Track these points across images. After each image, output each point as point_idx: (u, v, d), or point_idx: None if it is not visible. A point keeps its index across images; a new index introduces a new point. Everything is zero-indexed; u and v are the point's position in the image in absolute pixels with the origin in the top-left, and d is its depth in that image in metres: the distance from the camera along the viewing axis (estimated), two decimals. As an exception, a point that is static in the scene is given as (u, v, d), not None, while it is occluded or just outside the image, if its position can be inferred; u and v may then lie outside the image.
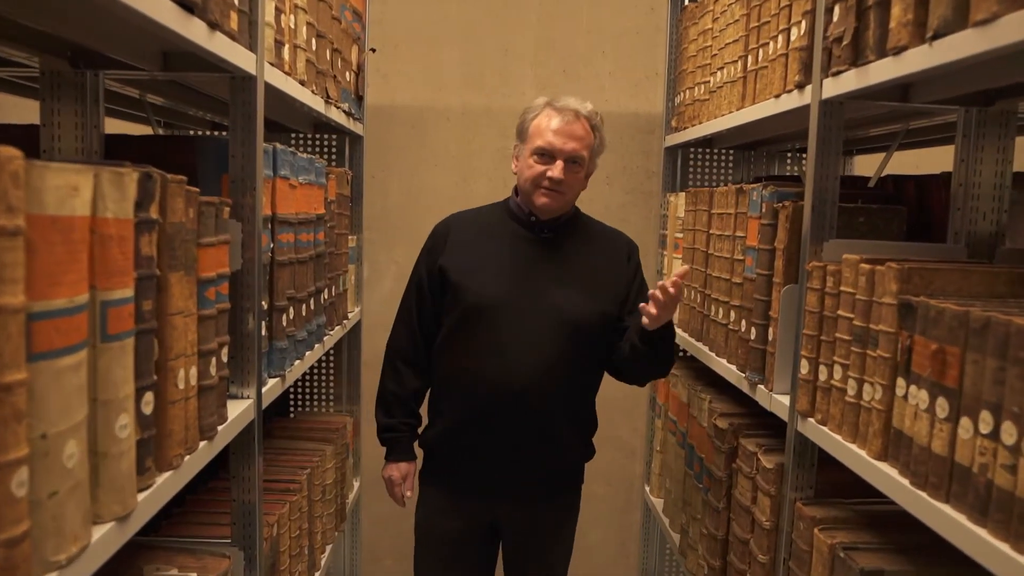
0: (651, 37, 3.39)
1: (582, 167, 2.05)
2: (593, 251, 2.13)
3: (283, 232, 1.76)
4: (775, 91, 1.77)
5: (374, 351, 3.49)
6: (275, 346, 1.74)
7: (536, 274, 2.07)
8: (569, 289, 2.05)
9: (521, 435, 2.05)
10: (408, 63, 3.38)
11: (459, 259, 2.11)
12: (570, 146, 2.02)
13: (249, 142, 1.51)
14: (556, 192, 2.03)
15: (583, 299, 2.05)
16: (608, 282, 2.10)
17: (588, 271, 2.09)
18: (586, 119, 2.05)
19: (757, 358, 1.84)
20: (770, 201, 1.78)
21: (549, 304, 2.03)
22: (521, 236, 2.11)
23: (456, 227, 2.19)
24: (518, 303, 2.03)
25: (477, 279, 2.06)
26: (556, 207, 2.06)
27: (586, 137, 2.04)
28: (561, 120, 2.03)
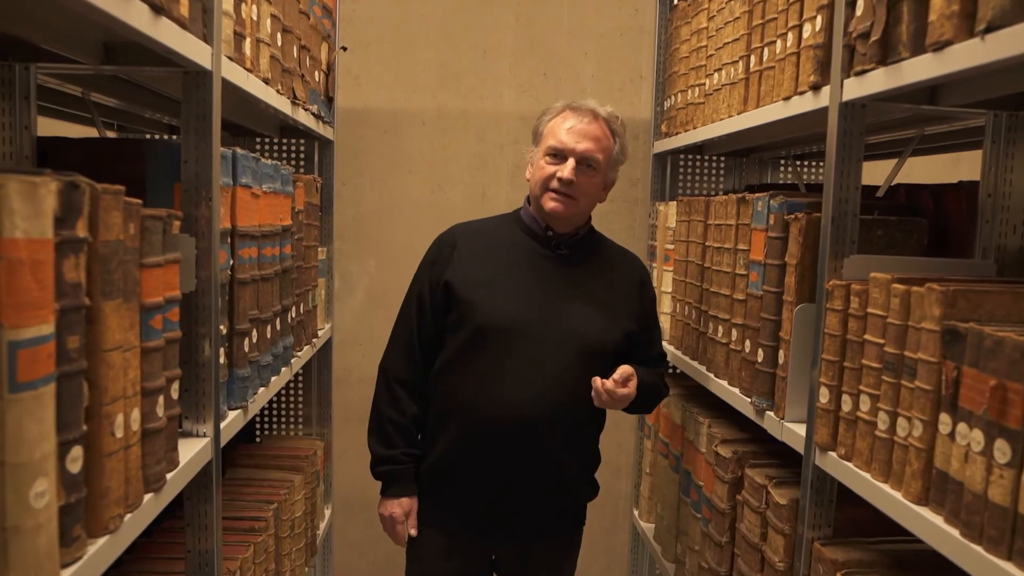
0: (635, 38, 3.25)
1: (597, 172, 1.90)
2: (611, 272, 1.99)
3: (245, 247, 1.58)
4: (784, 93, 1.63)
5: (345, 368, 3.32)
6: (236, 375, 1.56)
7: (553, 295, 1.91)
8: (588, 312, 1.91)
9: (527, 472, 1.89)
10: (381, 64, 3.21)
11: (468, 274, 1.92)
12: (583, 146, 1.87)
13: (204, 146, 1.33)
14: (567, 197, 1.87)
15: (603, 324, 1.91)
16: (625, 307, 1.97)
17: (607, 294, 1.95)
18: (605, 121, 1.92)
19: (765, 382, 1.70)
20: (779, 212, 1.64)
21: (568, 328, 1.88)
22: (536, 252, 1.95)
23: (464, 239, 1.99)
24: (533, 326, 1.87)
25: (489, 297, 1.89)
26: (566, 214, 1.90)
27: (603, 140, 1.90)
28: (577, 119, 1.90)
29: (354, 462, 3.33)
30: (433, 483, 1.97)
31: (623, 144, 1.96)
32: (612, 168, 1.95)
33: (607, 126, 1.92)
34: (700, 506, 2.08)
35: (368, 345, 3.33)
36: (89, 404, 0.92)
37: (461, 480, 1.93)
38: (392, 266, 3.28)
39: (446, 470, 1.94)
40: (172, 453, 1.21)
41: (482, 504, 1.93)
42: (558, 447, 1.88)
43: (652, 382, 1.98)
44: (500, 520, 1.93)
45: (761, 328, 1.72)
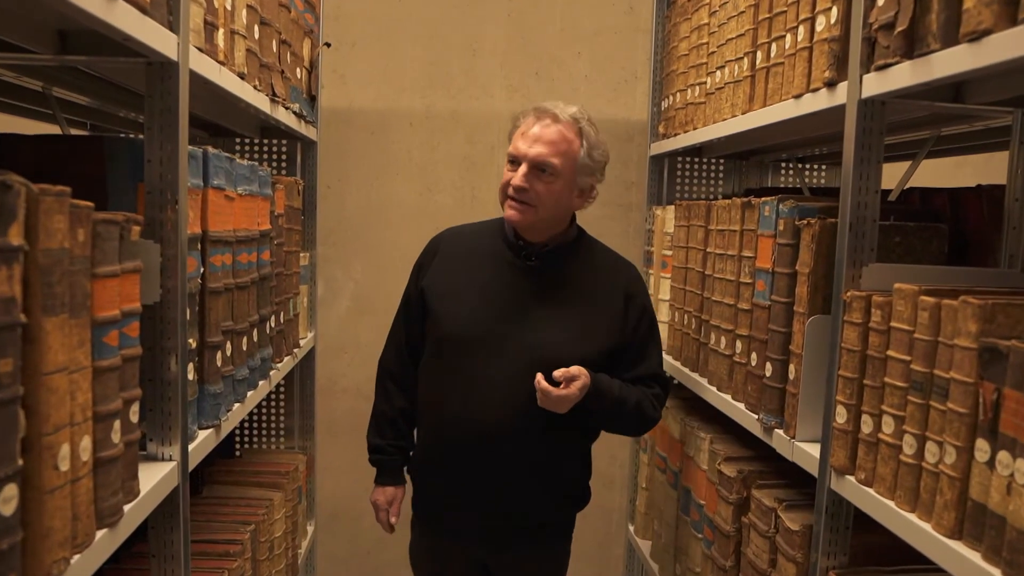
0: (630, 37, 3.15)
1: (557, 177, 1.80)
2: (588, 283, 1.89)
3: (217, 253, 1.47)
4: (795, 90, 1.53)
5: (329, 377, 3.20)
6: (207, 391, 1.45)
7: (517, 306, 1.85)
8: (552, 327, 1.82)
9: (489, 481, 1.86)
10: (367, 62, 3.10)
11: (439, 281, 1.92)
12: (535, 151, 1.79)
13: (170, 144, 1.22)
14: (523, 204, 1.81)
15: (567, 339, 1.81)
16: (601, 321, 1.85)
17: (578, 306, 1.85)
18: (568, 123, 1.81)
19: (774, 398, 1.59)
20: (790, 217, 1.54)
21: (531, 341, 1.81)
22: (506, 261, 1.89)
23: (447, 244, 1.98)
24: (492, 338, 1.83)
25: (453, 307, 1.88)
26: (524, 222, 1.83)
27: (561, 143, 1.80)
28: (536, 123, 1.83)
29: (340, 474, 3.21)
30: (417, 481, 2.01)
31: (594, 145, 1.83)
32: (582, 173, 1.82)
33: (571, 128, 1.81)
34: (701, 526, 1.98)
35: (354, 353, 3.22)
36: (27, 435, 0.81)
37: (434, 482, 1.95)
38: (379, 271, 3.17)
39: (422, 470, 1.98)
40: (131, 482, 1.09)
41: (453, 508, 1.92)
42: (523, 459, 1.82)
43: (625, 397, 1.81)
44: (472, 527, 1.91)
45: (769, 340, 1.62)
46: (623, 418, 1.85)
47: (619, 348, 1.86)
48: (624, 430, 2.01)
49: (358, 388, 3.22)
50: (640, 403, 1.84)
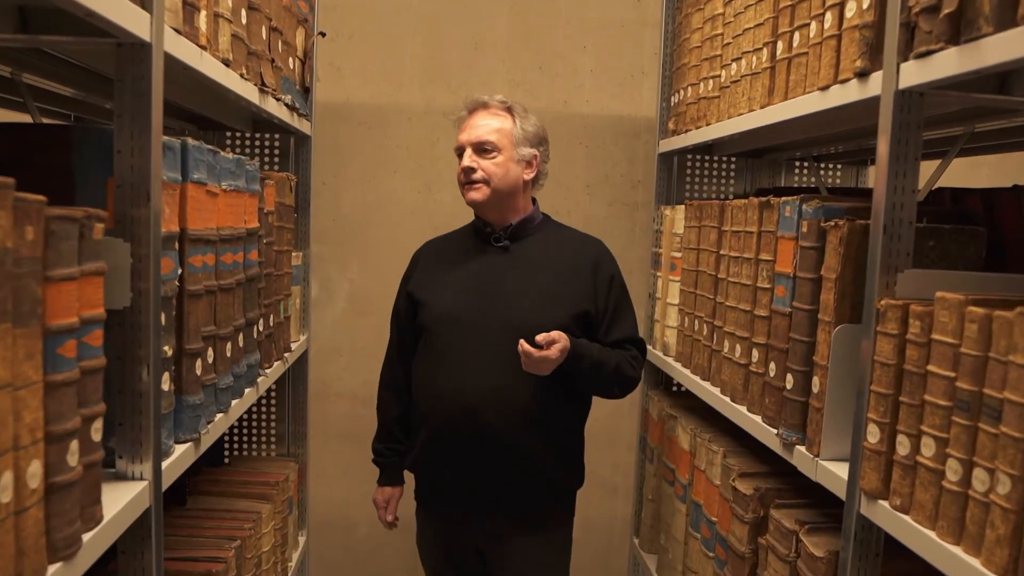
0: (637, 31, 3.05)
1: (500, 151, 2.01)
2: (555, 258, 2.05)
3: (197, 253, 1.36)
4: (821, 82, 1.42)
5: (324, 381, 3.09)
6: (184, 402, 1.34)
7: (492, 285, 2.02)
8: (527, 299, 1.98)
9: (484, 455, 1.97)
10: (365, 56, 2.99)
11: (423, 279, 2.12)
12: (474, 134, 2.02)
13: (142, 134, 1.11)
14: (478, 183, 2.01)
15: (540, 308, 1.96)
16: (571, 291, 2.01)
17: (547, 279, 2.01)
18: (496, 106, 2.05)
19: (795, 412, 1.49)
20: (814, 218, 1.44)
21: (505, 316, 1.97)
22: (478, 249, 2.09)
23: (426, 251, 2.20)
24: (472, 316, 1.99)
25: (436, 295, 2.06)
26: (483, 196, 2.01)
27: (492, 122, 2.03)
28: (468, 115, 2.07)
29: (335, 480, 3.11)
30: (416, 471, 2.13)
31: (523, 118, 2.04)
32: (520, 143, 2.02)
33: (500, 108, 2.04)
34: (713, 544, 1.87)
35: (350, 356, 3.11)
36: (-42, 463, 0.71)
37: (431, 467, 2.06)
38: (376, 272, 3.06)
39: (420, 458, 2.08)
40: (93, 508, 0.99)
41: (451, 491, 2.04)
42: (510, 430, 1.93)
43: (604, 359, 1.95)
44: (471, 508, 2.02)
45: (790, 350, 1.51)
46: (604, 379, 1.98)
47: (592, 314, 2.00)
48: (607, 391, 2.07)
49: (354, 392, 3.12)
50: (619, 365, 1.98)
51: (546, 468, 1.99)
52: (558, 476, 2.04)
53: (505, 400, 1.93)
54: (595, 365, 1.93)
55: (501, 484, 1.98)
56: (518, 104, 2.07)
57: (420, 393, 2.06)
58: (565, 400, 2.01)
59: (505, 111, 2.04)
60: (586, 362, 1.92)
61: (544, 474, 2.00)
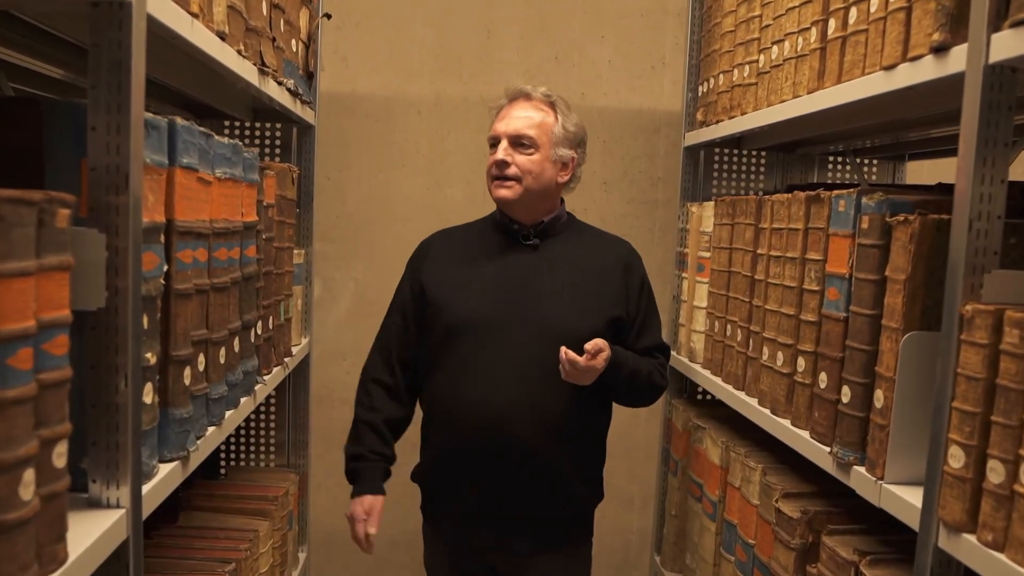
0: (658, 20, 2.90)
1: (537, 149, 1.84)
2: (586, 259, 1.91)
3: (187, 247, 1.21)
4: (886, 60, 1.27)
5: (327, 386, 2.94)
6: (171, 416, 1.19)
7: (521, 285, 1.86)
8: (559, 301, 1.84)
9: (508, 468, 1.81)
10: (372, 44, 2.84)
11: (439, 274, 1.93)
12: (512, 126, 1.85)
13: (120, 108, 0.96)
14: (509, 179, 1.84)
15: (575, 312, 1.83)
16: (604, 294, 1.87)
17: (580, 281, 1.87)
18: (539, 99, 1.89)
19: (853, 429, 1.33)
20: (877, 213, 1.28)
21: (536, 318, 1.82)
22: (505, 247, 1.92)
23: (438, 242, 2.00)
24: (501, 318, 1.83)
25: (456, 294, 1.88)
26: (514, 197, 1.85)
27: (534, 115, 1.87)
28: (508, 104, 1.91)
29: (337, 491, 2.95)
30: (429, 485, 1.96)
31: (566, 116, 1.89)
32: (559, 144, 1.87)
33: (543, 103, 1.89)
34: (750, 569, 1.72)
35: (354, 359, 2.95)
36: None
37: (448, 481, 1.89)
38: (382, 271, 2.90)
39: (435, 471, 1.92)
40: (55, 546, 0.83)
41: (469, 507, 1.86)
42: (540, 442, 1.79)
43: (639, 367, 1.84)
44: (489, 525, 1.86)
45: (847, 359, 1.36)
46: (637, 389, 1.87)
47: (622, 320, 1.88)
48: (637, 401, 1.97)
49: (358, 398, 2.97)
50: (651, 373, 1.87)
51: (572, 484, 1.86)
52: (583, 492, 1.91)
53: (537, 411, 1.78)
54: (631, 374, 1.81)
55: (524, 500, 1.83)
56: (562, 100, 1.92)
57: (437, 401, 1.89)
58: (597, 411, 1.90)
59: (548, 106, 1.89)
60: (624, 371, 1.79)
61: (569, 490, 1.86)
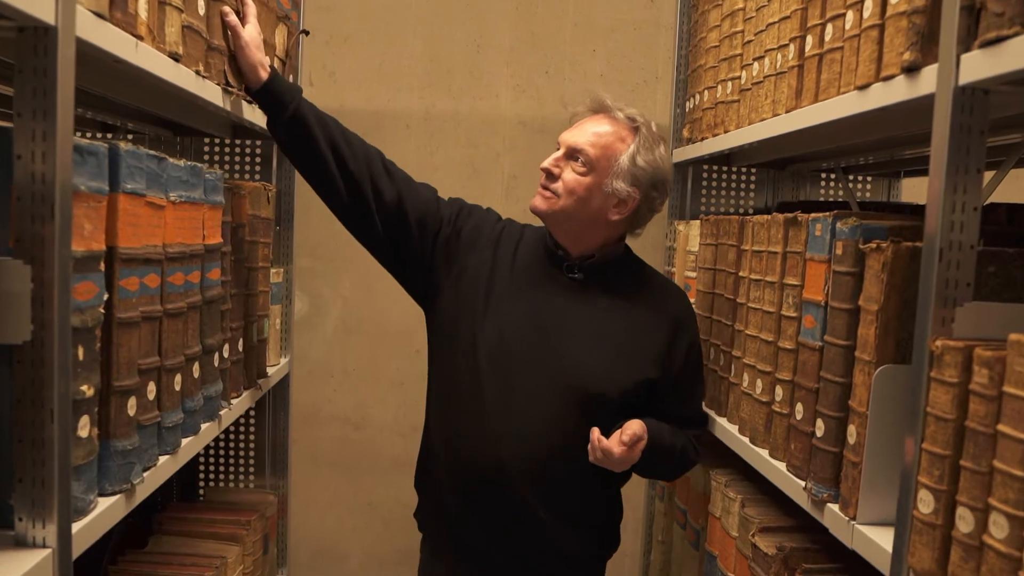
0: (651, 33, 2.85)
1: (589, 171, 1.61)
2: (633, 308, 1.68)
3: (132, 275, 1.17)
4: (860, 80, 1.22)
5: (314, 404, 2.90)
6: (113, 448, 1.15)
7: (553, 323, 1.65)
8: (591, 352, 1.63)
9: (514, 525, 1.64)
10: (360, 58, 2.82)
11: (479, 269, 1.69)
12: (575, 137, 1.64)
13: (45, 136, 0.93)
14: (547, 190, 1.64)
15: (606, 368, 1.62)
16: (644, 352, 1.66)
17: (621, 333, 1.65)
18: (622, 120, 1.65)
19: (826, 464, 1.28)
20: (851, 238, 1.23)
21: (565, 365, 1.61)
22: (546, 272, 1.70)
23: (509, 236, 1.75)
24: (524, 358, 1.62)
25: (485, 311, 1.65)
26: (546, 210, 1.64)
27: (605, 135, 1.62)
28: (586, 114, 1.70)
29: (324, 509, 2.92)
30: (428, 531, 1.80)
31: (646, 149, 1.62)
32: (619, 176, 1.61)
33: (624, 126, 1.65)
34: (730, 603, 1.66)
35: (341, 378, 2.92)
36: None
37: (448, 530, 1.72)
38: (369, 288, 2.87)
39: (434, 517, 1.76)
40: (-43, 596, 0.80)
41: (472, 562, 1.69)
42: (549, 501, 1.61)
43: (673, 447, 1.66)
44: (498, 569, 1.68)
45: (821, 391, 1.31)
46: (667, 467, 1.73)
47: (661, 382, 1.67)
48: (664, 477, 1.85)
49: (345, 416, 2.93)
50: (684, 449, 1.70)
51: (587, 540, 1.70)
52: (598, 546, 1.75)
53: (549, 466, 1.59)
54: (665, 455, 1.64)
55: (532, 558, 1.66)
56: (653, 132, 1.65)
57: (434, 438, 1.73)
58: (617, 476, 1.68)
59: (629, 130, 1.64)
60: (658, 455, 1.61)
61: (583, 547, 1.70)
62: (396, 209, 1.71)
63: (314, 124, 1.66)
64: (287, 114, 1.64)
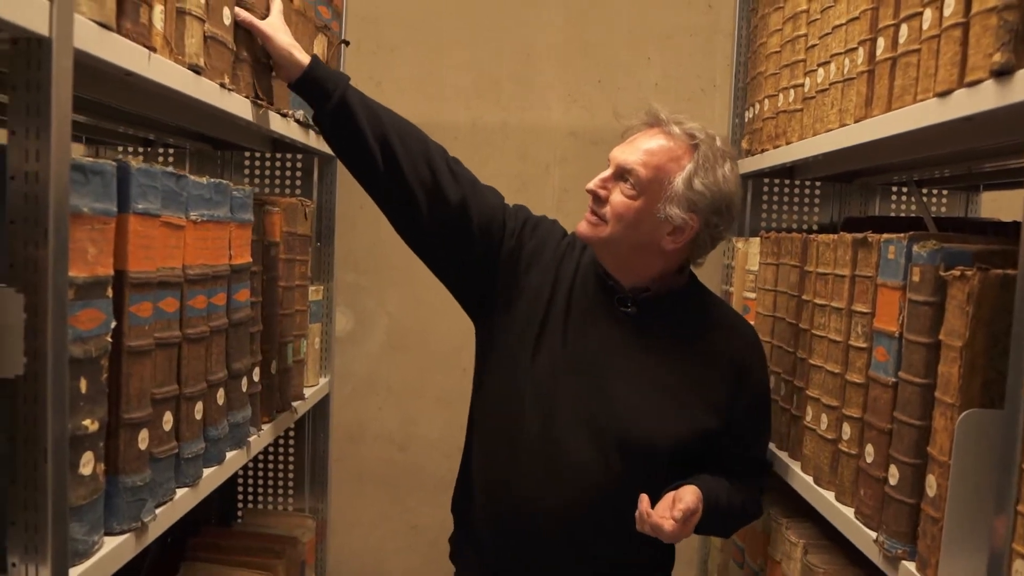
0: (709, 40, 2.72)
1: (639, 194, 1.43)
2: (694, 348, 1.51)
3: (144, 300, 1.11)
4: (939, 86, 1.09)
5: (359, 423, 2.83)
6: (122, 484, 1.08)
7: (604, 362, 1.49)
8: (644, 395, 1.47)
9: (550, 572, 1.52)
10: (407, 68, 2.75)
11: (526, 294, 1.54)
12: (624, 155, 1.46)
13: (38, 156, 0.86)
14: (594, 215, 1.48)
15: (661, 414, 1.47)
16: (703, 399, 1.49)
17: (680, 375, 1.49)
18: (679, 136, 1.45)
19: (902, 516, 1.14)
20: (930, 264, 1.10)
21: (610, 410, 1.47)
22: (599, 304, 1.53)
23: (563, 248, 1.59)
24: (568, 396, 1.48)
25: (526, 342, 1.51)
26: (592, 237, 1.48)
27: (657, 153, 1.43)
28: (641, 129, 1.51)
29: (367, 531, 2.85)
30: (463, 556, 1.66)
31: (705, 170, 1.42)
32: (676, 201, 1.42)
33: (681, 143, 1.45)
34: (790, 657, 1.52)
35: (386, 396, 2.85)
36: None
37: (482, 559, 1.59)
38: (416, 304, 2.80)
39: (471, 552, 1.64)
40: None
41: None
42: (589, 552, 1.48)
43: (730, 509, 1.49)
44: None
45: (895, 433, 1.17)
46: (723, 529, 1.61)
47: (721, 432, 1.50)
48: (719, 535, 1.71)
49: (390, 435, 2.86)
50: (744, 509, 1.55)
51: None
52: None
53: (593, 517, 1.46)
54: (721, 520, 1.50)
55: None
56: (716, 149, 1.45)
57: (478, 466, 1.60)
58: None
59: (687, 148, 1.44)
60: (713, 520, 1.46)
61: None
62: (458, 214, 1.53)
63: (361, 114, 1.50)
64: (331, 103, 1.49)
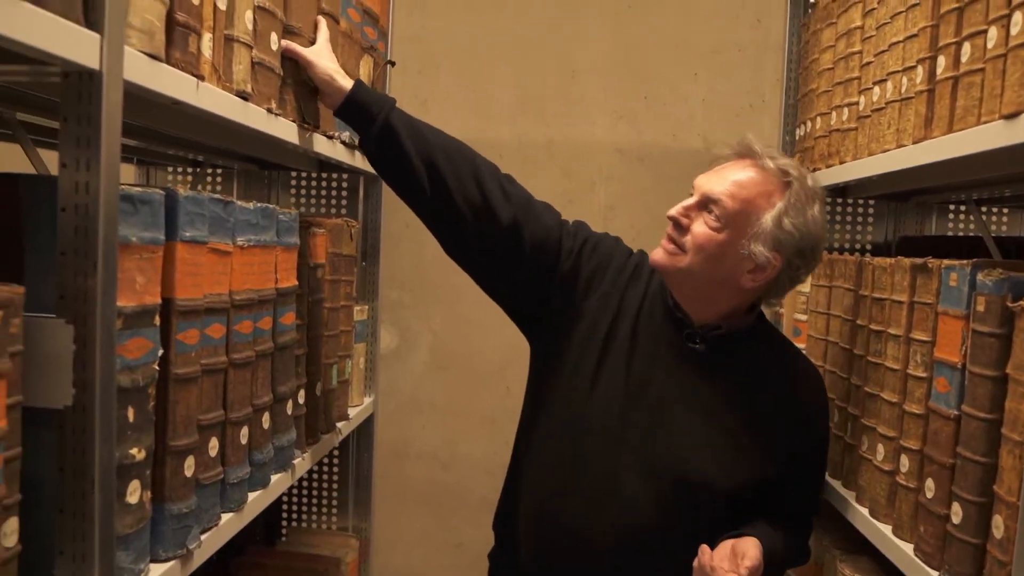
0: (757, 55, 2.68)
1: (724, 227, 1.37)
2: (761, 391, 1.47)
3: (191, 327, 1.11)
4: (1007, 108, 1.04)
5: (403, 440, 2.83)
6: (168, 512, 1.08)
7: (667, 398, 1.45)
8: (705, 437, 1.43)
9: None
10: (452, 86, 2.76)
11: (587, 318, 1.49)
12: (711, 184, 1.40)
13: (88, 188, 0.87)
14: (673, 243, 1.42)
15: (720, 458, 1.42)
16: (764, 446, 1.45)
17: (744, 419, 1.45)
18: (772, 172, 1.40)
19: (965, 556, 1.09)
20: (996, 294, 1.05)
21: (668, 449, 1.43)
22: (666, 336, 1.48)
23: (629, 270, 1.54)
24: (627, 431, 1.44)
25: (586, 370, 1.47)
26: (669, 267, 1.42)
27: (747, 186, 1.38)
28: (731, 160, 1.46)
29: (410, 549, 2.84)
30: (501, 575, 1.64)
31: (796, 210, 1.37)
32: (759, 238, 1.37)
33: (772, 179, 1.40)
34: None
35: (430, 414, 2.85)
36: None
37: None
38: (460, 323, 2.79)
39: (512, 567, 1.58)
40: None
41: None
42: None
43: (785, 559, 1.47)
44: None
45: (958, 469, 1.12)
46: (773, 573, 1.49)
47: (779, 481, 1.47)
48: None
49: (434, 454, 2.85)
50: (796, 557, 1.54)
51: None
52: None
53: (646, 560, 1.43)
54: (776, 568, 1.45)
55: None
56: (809, 188, 1.41)
57: (524, 489, 1.55)
58: None
59: (779, 184, 1.40)
60: (770, 569, 1.40)
61: None
62: (509, 234, 1.48)
63: (405, 137, 1.47)
64: (375, 127, 1.47)
